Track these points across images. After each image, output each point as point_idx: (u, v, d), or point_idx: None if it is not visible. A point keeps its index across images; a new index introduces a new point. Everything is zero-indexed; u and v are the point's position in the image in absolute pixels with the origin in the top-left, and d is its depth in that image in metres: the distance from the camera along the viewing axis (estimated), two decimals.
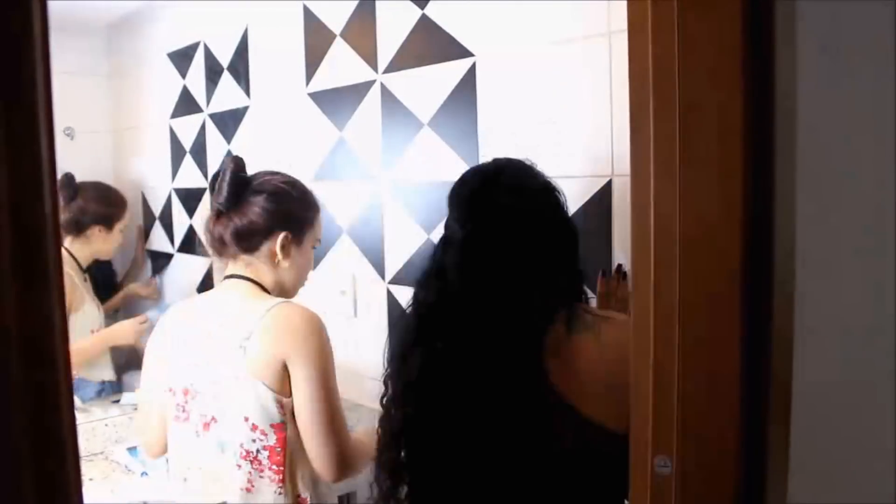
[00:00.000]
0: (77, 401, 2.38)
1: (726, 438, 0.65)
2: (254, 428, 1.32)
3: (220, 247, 1.41)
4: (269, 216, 1.38)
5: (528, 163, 1.12)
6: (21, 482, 0.42)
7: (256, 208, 1.37)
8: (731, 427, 0.65)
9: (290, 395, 1.32)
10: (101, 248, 2.57)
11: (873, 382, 0.64)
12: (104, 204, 2.57)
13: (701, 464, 0.67)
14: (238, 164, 1.40)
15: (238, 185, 1.38)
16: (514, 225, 1.03)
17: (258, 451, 1.32)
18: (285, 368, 1.30)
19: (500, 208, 1.04)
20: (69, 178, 2.53)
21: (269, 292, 1.41)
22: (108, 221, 2.56)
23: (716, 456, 0.66)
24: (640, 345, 0.69)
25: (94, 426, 2.18)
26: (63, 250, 2.41)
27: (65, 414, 0.44)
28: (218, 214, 1.40)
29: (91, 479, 1.95)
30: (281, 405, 1.31)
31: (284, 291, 1.45)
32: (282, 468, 1.33)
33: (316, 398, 1.29)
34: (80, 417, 2.21)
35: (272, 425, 1.31)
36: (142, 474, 1.96)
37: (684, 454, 0.67)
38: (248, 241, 1.39)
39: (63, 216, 2.45)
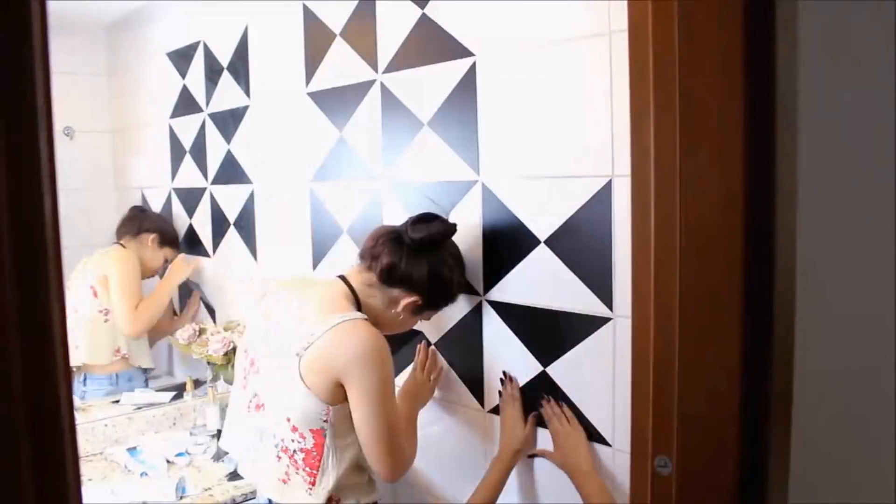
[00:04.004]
0: (77, 401, 2.38)
1: (726, 438, 0.65)
2: (293, 429, 1.37)
3: (369, 257, 1.46)
4: (423, 281, 1.43)
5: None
6: (20, 483, 0.42)
7: (424, 268, 1.43)
8: (731, 427, 0.65)
9: (339, 402, 1.35)
10: (149, 257, 2.67)
11: (874, 382, 0.64)
12: (167, 224, 2.80)
13: (701, 464, 0.67)
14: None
15: (434, 241, 1.45)
16: None
17: (295, 451, 1.38)
18: (339, 383, 1.33)
19: None
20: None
21: (357, 306, 1.43)
22: (164, 236, 2.71)
23: (716, 456, 0.66)
24: (640, 345, 0.69)
25: (93, 426, 2.18)
26: (119, 245, 2.65)
27: (64, 414, 0.44)
28: (401, 239, 1.45)
29: (91, 480, 1.95)
30: (326, 413, 1.35)
31: (373, 320, 1.43)
32: (315, 470, 1.38)
33: (372, 419, 1.32)
34: (79, 417, 2.21)
35: (311, 430, 1.36)
36: (141, 474, 1.96)
37: (684, 454, 0.67)
38: (390, 278, 1.43)
39: (127, 221, 2.72)
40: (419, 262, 1.42)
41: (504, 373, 1.59)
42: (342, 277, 1.47)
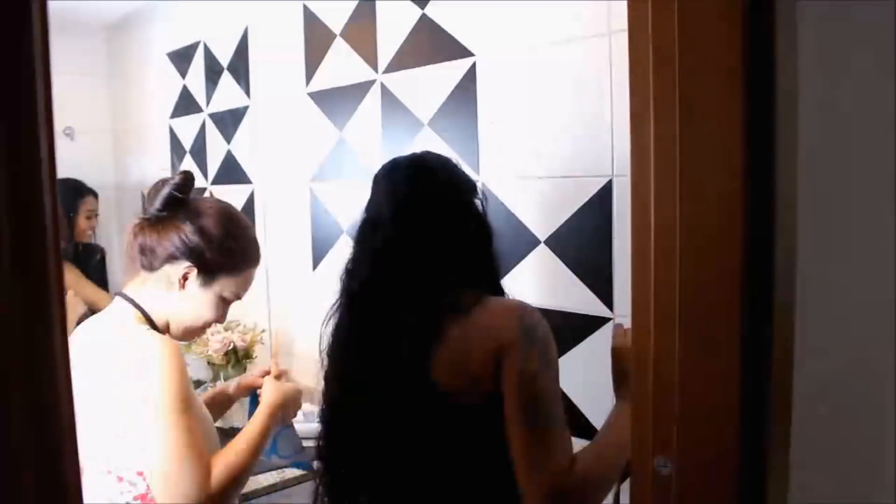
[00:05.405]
0: None
1: (726, 438, 0.65)
2: (119, 480, 1.10)
3: (136, 257, 1.24)
4: (182, 242, 1.19)
5: (453, 161, 1.17)
6: (21, 483, 0.42)
7: (177, 227, 1.20)
8: (731, 427, 0.65)
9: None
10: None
11: (873, 382, 0.64)
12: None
13: (701, 464, 0.67)
14: (186, 178, 1.24)
15: (172, 201, 1.21)
16: (434, 214, 1.09)
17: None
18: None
19: (427, 197, 1.10)
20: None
21: (150, 322, 1.21)
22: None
23: (716, 456, 0.66)
24: (640, 345, 0.69)
25: None
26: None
27: (65, 414, 0.44)
28: (143, 224, 1.23)
29: None
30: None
31: (170, 326, 1.24)
32: None
33: (166, 431, 1.06)
34: None
35: (139, 472, 1.09)
36: None
37: (684, 454, 0.67)
38: (151, 257, 1.21)
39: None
40: (169, 224, 1.23)
41: None
42: (117, 296, 1.26)
